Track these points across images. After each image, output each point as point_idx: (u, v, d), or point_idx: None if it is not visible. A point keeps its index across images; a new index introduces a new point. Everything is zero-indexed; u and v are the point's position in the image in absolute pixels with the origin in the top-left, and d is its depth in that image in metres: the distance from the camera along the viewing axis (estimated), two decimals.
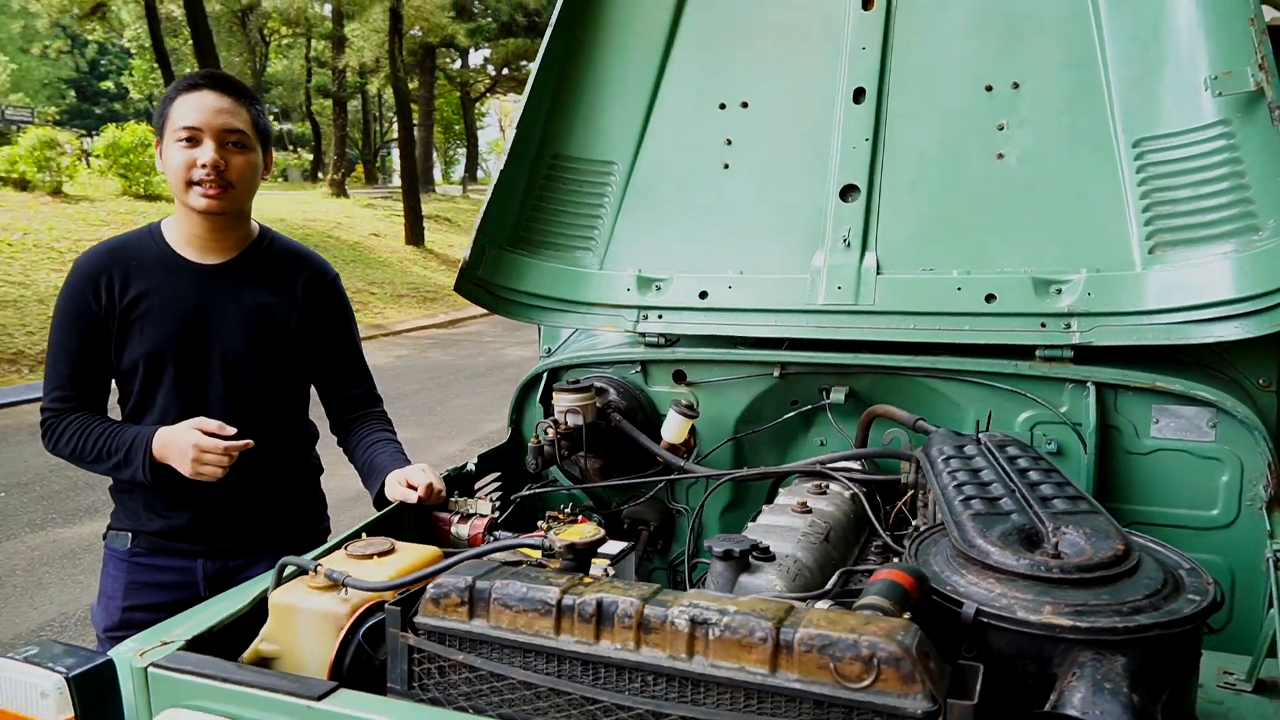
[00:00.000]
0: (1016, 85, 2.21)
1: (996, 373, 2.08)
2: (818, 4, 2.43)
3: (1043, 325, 2.06)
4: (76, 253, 13.53)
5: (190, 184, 1.96)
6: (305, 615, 1.43)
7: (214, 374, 2.08)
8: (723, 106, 2.49)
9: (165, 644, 1.39)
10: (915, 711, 1.00)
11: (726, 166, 2.46)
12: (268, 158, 2.12)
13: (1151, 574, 1.31)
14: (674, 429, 2.27)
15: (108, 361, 2.06)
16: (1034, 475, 1.59)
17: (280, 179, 38.05)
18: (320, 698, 1.21)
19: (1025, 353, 2.08)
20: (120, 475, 2.03)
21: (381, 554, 1.57)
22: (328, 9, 28.27)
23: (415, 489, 1.99)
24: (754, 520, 1.82)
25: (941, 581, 1.35)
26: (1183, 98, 2.01)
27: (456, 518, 2.05)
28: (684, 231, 2.45)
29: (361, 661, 1.37)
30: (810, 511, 1.83)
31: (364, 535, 1.68)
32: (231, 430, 1.97)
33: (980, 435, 1.78)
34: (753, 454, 2.39)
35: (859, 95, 2.34)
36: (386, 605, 1.28)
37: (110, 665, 1.39)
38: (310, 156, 42.58)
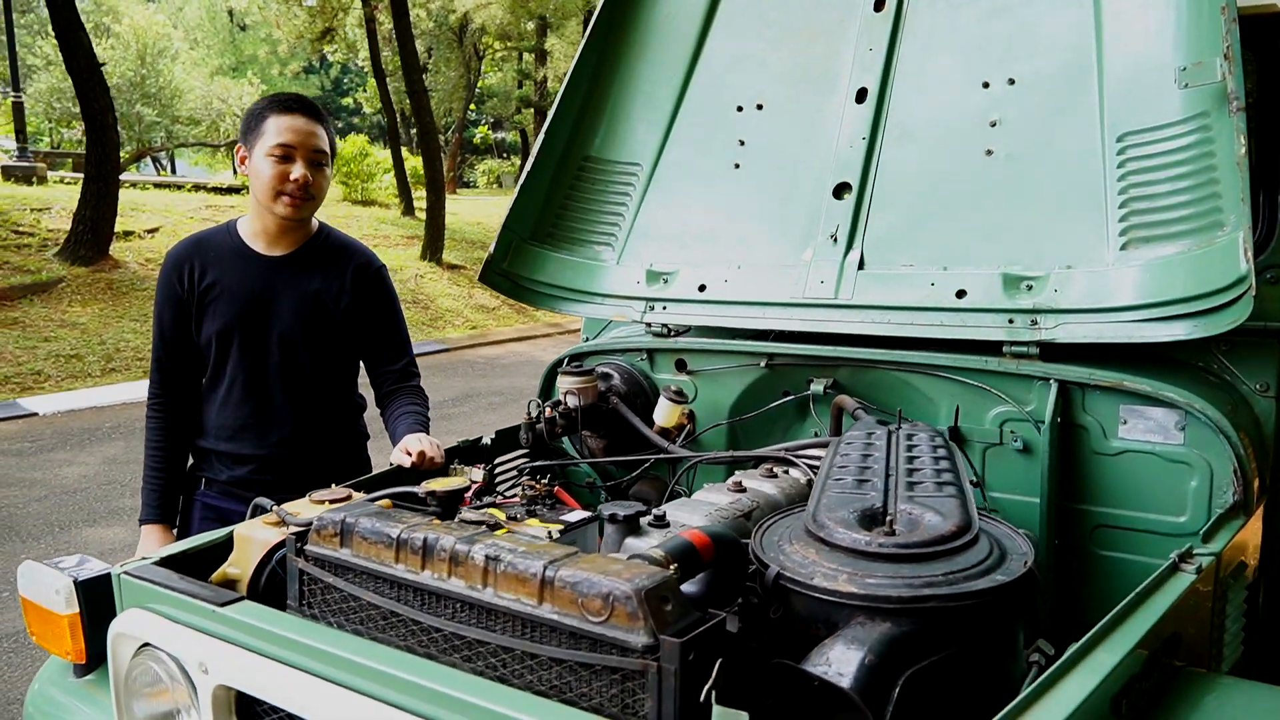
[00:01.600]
0: (1013, 81, 2.20)
1: (966, 368, 2.09)
2: (835, 6, 2.50)
3: (1010, 321, 2.05)
4: None
5: (280, 194, 2.32)
6: (254, 544, 1.70)
7: (272, 349, 2.44)
8: (740, 109, 2.60)
9: (145, 559, 1.70)
10: (637, 645, 1.13)
11: (737, 166, 2.57)
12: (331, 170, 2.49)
13: (974, 555, 1.35)
14: (664, 413, 2.41)
15: (191, 337, 2.44)
16: (920, 462, 1.64)
17: (495, 185, 40.31)
18: (223, 605, 1.47)
19: (995, 349, 2.07)
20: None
21: (335, 500, 1.83)
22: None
23: (410, 455, 2.25)
24: (689, 495, 1.94)
25: (773, 550, 1.44)
26: (1167, 91, 1.94)
27: None
28: (694, 228, 2.58)
29: (278, 582, 1.62)
30: (744, 491, 1.93)
31: (332, 485, 1.95)
32: None
33: (899, 425, 1.82)
34: (752, 439, 2.49)
35: (861, 95, 2.39)
36: (288, 535, 1.53)
37: (108, 575, 1.72)
38: (519, 164, 44.77)
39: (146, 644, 1.54)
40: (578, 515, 2.13)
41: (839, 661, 1.16)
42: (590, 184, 2.72)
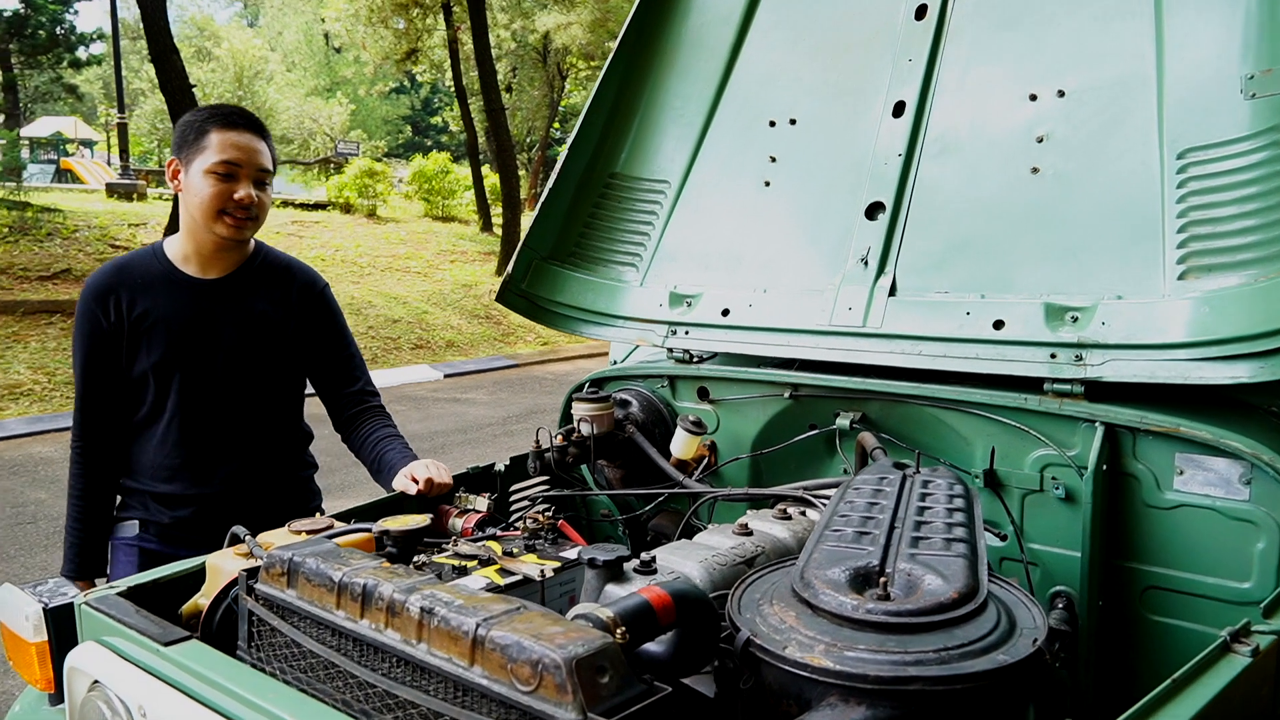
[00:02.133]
0: (1062, 93, 2.01)
1: (1004, 406, 1.90)
2: (873, 17, 2.35)
3: (1053, 356, 1.85)
4: (375, 267, 15.41)
5: (222, 213, 2.14)
6: (221, 575, 1.62)
7: (215, 381, 2.25)
8: (772, 124, 2.46)
9: (111, 588, 1.64)
10: None
11: (768, 184, 2.42)
12: None
13: (978, 627, 1.18)
14: (680, 445, 2.27)
15: (118, 373, 2.22)
16: (932, 513, 1.46)
17: None
18: (168, 644, 1.39)
19: (1036, 386, 1.88)
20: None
21: (314, 531, 1.74)
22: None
23: (417, 482, 2.15)
24: (690, 538, 1.80)
25: (751, 609, 1.29)
26: (1234, 103, 1.74)
27: (456, 511, 2.19)
28: (720, 248, 2.44)
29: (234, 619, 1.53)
30: (750, 534, 1.78)
31: (317, 514, 1.86)
32: None
33: (916, 469, 1.64)
34: (775, 475, 2.33)
35: (899, 109, 2.22)
36: (240, 571, 1.44)
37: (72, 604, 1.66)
38: None
39: (97, 681, 1.47)
40: (576, 552, 2.01)
41: None
42: (615, 202, 2.61)
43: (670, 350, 2.44)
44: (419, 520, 1.51)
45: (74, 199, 16.61)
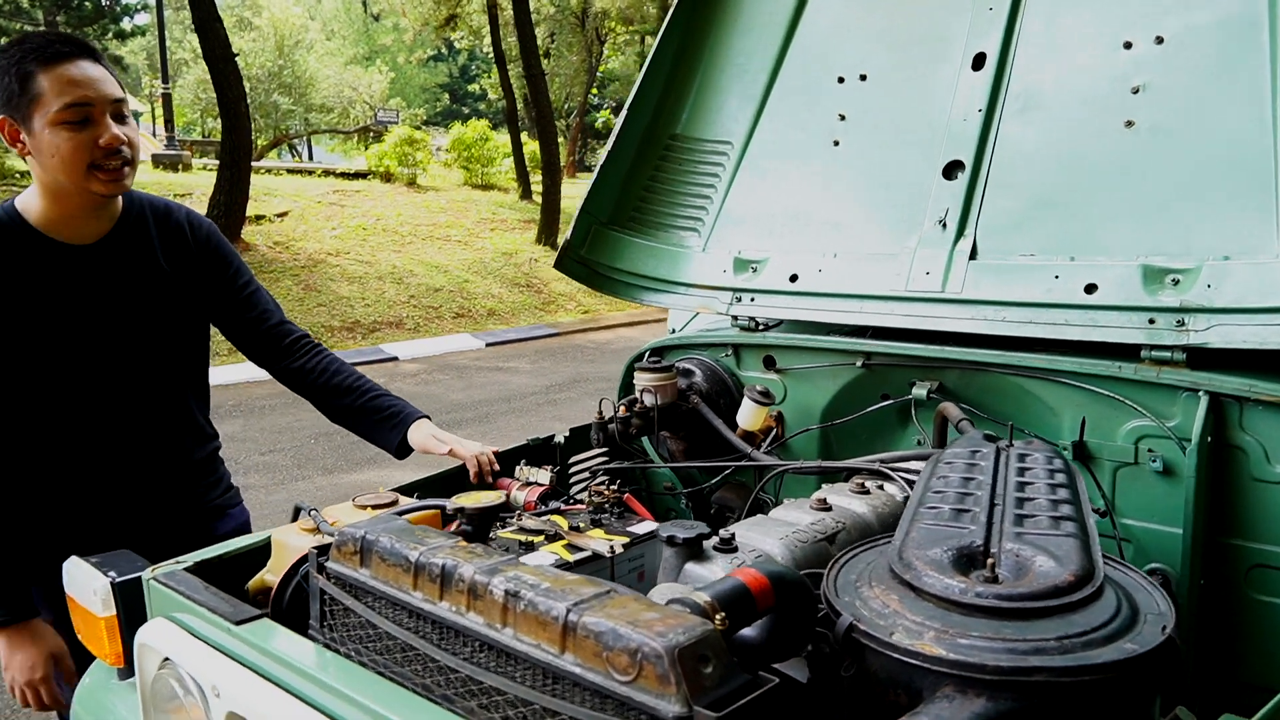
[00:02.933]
0: (1160, 39, 1.88)
1: (1094, 374, 1.80)
2: None
3: (1151, 321, 1.75)
4: (416, 236, 15.41)
5: (93, 167, 1.77)
6: (288, 551, 1.59)
7: (112, 364, 1.93)
8: (841, 80, 2.35)
9: (178, 562, 1.61)
10: (667, 715, 0.93)
11: (836, 143, 2.32)
12: None
13: (1096, 613, 1.10)
14: (747, 416, 2.20)
15: None
16: (1034, 489, 1.38)
17: None
18: (239, 623, 1.36)
19: (1131, 353, 1.78)
20: None
21: (379, 505, 1.70)
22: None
23: (479, 461, 2.08)
24: (766, 513, 1.73)
25: (849, 592, 1.22)
26: None
27: (517, 484, 2.14)
28: (786, 211, 2.35)
29: (305, 597, 1.49)
30: (829, 509, 1.70)
31: (380, 489, 1.82)
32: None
33: (1010, 442, 1.56)
34: (845, 447, 2.25)
35: (979, 61, 2.11)
36: (311, 549, 1.40)
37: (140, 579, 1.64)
38: None
39: (168, 658, 1.44)
40: (646, 526, 1.95)
41: None
42: (676, 164, 2.52)
43: (735, 318, 2.36)
44: (493, 497, 1.46)
45: None
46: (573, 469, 2.43)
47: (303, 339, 2.18)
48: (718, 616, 1.06)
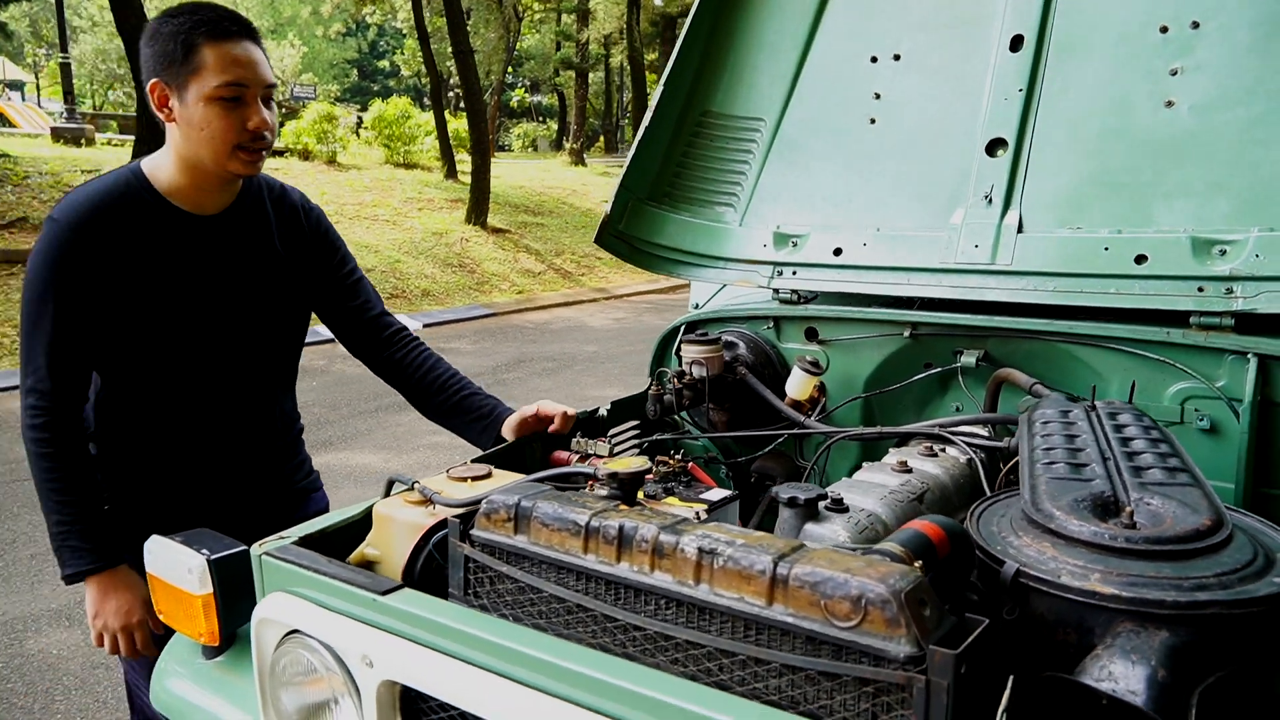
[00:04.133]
0: (1196, 25, 2.00)
1: (1144, 340, 1.92)
2: None
3: (1200, 290, 1.87)
4: (342, 215, 15.03)
5: (237, 148, 1.82)
6: (397, 525, 1.58)
7: (227, 333, 1.99)
8: (874, 60, 2.42)
9: (282, 538, 1.59)
10: (898, 655, 0.99)
11: (873, 121, 2.39)
12: None
13: (1237, 553, 1.20)
14: (797, 385, 2.26)
15: (96, 334, 1.86)
16: (1138, 444, 1.48)
17: (530, 148, 40.11)
18: (385, 593, 1.36)
19: (1179, 319, 1.90)
20: (50, 529, 1.88)
21: (477, 478, 1.70)
22: None
23: (550, 419, 2.11)
24: (850, 475, 1.80)
25: (998, 542, 1.29)
26: None
27: (576, 457, 2.16)
28: (825, 187, 2.41)
29: (433, 568, 1.50)
30: (910, 471, 1.78)
31: (467, 462, 1.82)
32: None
33: (1094, 402, 1.66)
34: (887, 415, 2.34)
35: (1017, 43, 2.20)
36: (449, 518, 1.40)
37: (245, 554, 1.62)
38: (556, 127, 44.50)
39: (295, 630, 1.44)
40: (718, 493, 2.00)
41: (1125, 677, 1.02)
42: (710, 140, 2.56)
43: (776, 291, 2.42)
44: (641, 463, 1.49)
45: (17, 144, 15.90)
46: (613, 441, 2.46)
47: (401, 331, 2.23)
48: (916, 564, 1.12)
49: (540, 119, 48.93)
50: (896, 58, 2.39)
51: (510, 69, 36.63)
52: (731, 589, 1.12)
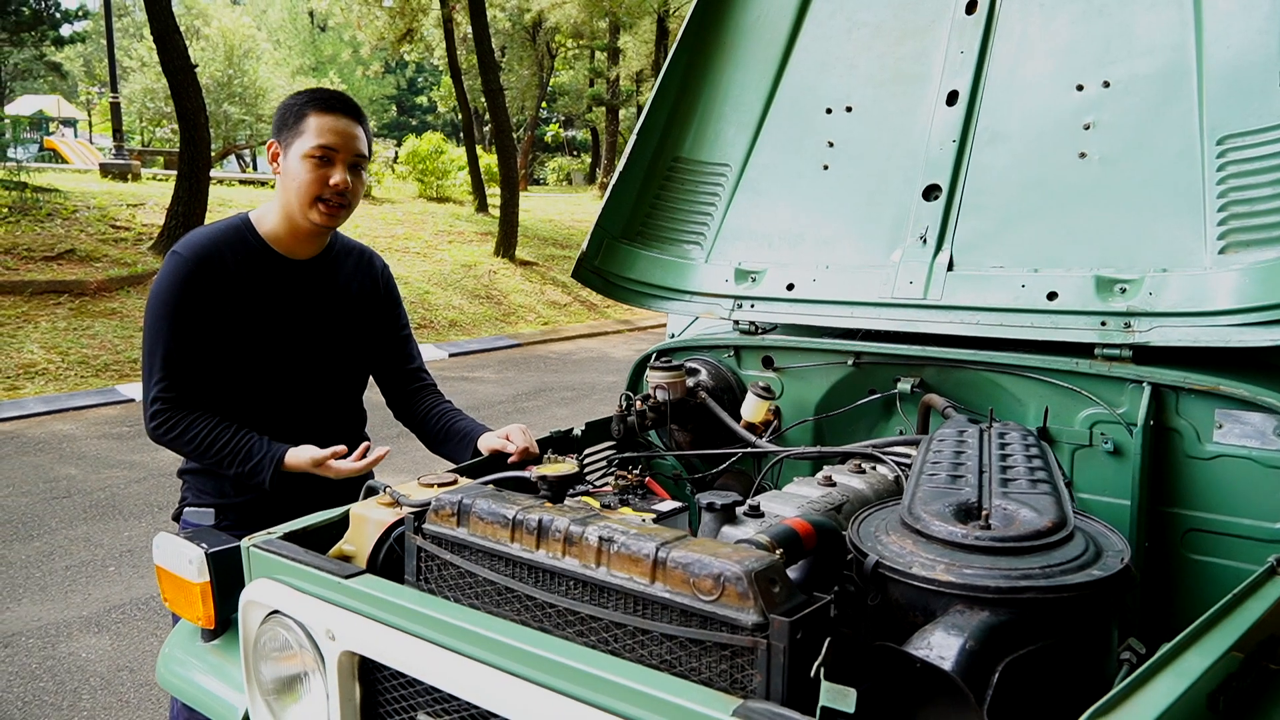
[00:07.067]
0: (1107, 84, 2.21)
1: (1055, 369, 2.10)
2: (926, 9, 2.53)
3: (1103, 324, 2.06)
4: (375, 247, 15.42)
5: (317, 200, 2.16)
6: (369, 523, 1.81)
7: (304, 362, 2.31)
8: (829, 111, 2.64)
9: (270, 533, 1.82)
10: (747, 623, 1.19)
11: (826, 167, 2.61)
12: None
13: (1070, 550, 1.39)
14: (751, 409, 2.47)
15: (206, 350, 2.18)
16: (1014, 459, 1.67)
17: (565, 182, 40.75)
18: (348, 577, 1.58)
19: (1087, 351, 2.09)
20: (242, 480, 2.21)
21: (443, 484, 1.93)
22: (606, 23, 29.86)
23: (512, 442, 2.34)
24: (780, 489, 2.00)
25: (871, 540, 1.49)
26: (1271, 92, 1.94)
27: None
28: (781, 227, 2.63)
29: (394, 559, 1.72)
30: (834, 485, 1.98)
31: (438, 470, 2.05)
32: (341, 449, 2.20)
33: (989, 424, 1.85)
34: (836, 436, 2.53)
35: (952, 98, 2.41)
36: (406, 514, 1.63)
37: (238, 549, 1.85)
38: (590, 161, 45.10)
39: (275, 611, 1.66)
40: (669, 505, 2.21)
41: (940, 646, 1.21)
42: (680, 184, 2.79)
43: (736, 322, 2.63)
44: (569, 467, 1.70)
45: (68, 179, 16.57)
46: (586, 459, 2.67)
47: (428, 386, 2.59)
48: (777, 551, 1.33)
49: (574, 153, 49.69)
50: (849, 109, 2.61)
51: (544, 104, 37.33)
52: (624, 570, 1.33)
